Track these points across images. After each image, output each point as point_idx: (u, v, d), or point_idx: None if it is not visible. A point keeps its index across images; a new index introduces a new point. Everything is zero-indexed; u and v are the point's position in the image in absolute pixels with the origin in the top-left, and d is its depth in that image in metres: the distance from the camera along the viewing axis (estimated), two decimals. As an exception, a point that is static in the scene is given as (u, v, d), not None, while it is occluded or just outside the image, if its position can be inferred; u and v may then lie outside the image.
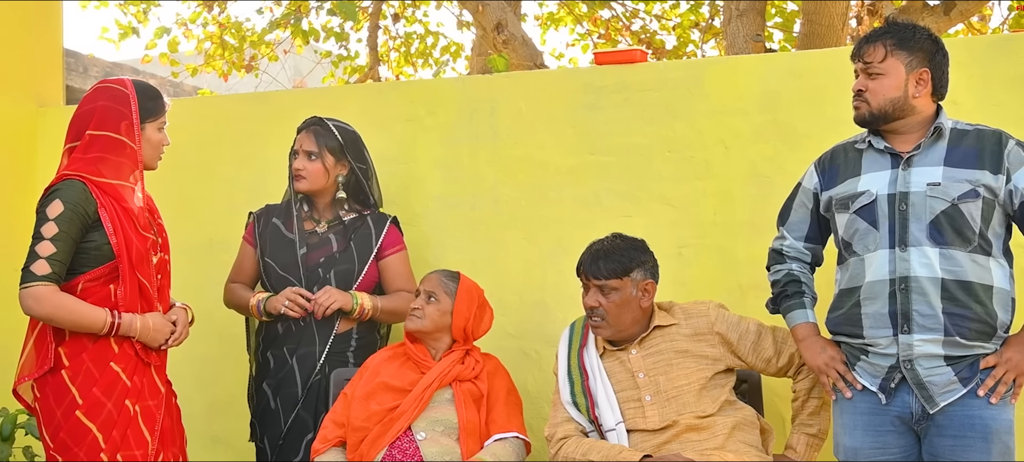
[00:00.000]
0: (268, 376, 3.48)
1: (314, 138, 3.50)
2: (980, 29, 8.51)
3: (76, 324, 2.82)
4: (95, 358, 2.84)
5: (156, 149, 3.01)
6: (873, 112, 2.78)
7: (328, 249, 3.50)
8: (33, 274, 2.78)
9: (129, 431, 2.84)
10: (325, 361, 3.43)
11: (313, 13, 8.94)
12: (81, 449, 2.79)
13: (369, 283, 3.52)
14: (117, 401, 2.84)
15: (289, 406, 3.43)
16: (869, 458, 2.79)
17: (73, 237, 2.81)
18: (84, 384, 2.81)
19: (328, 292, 3.40)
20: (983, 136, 2.76)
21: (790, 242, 3.01)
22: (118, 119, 2.92)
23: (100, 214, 2.84)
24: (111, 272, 2.86)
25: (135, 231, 2.89)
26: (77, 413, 2.79)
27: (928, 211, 2.70)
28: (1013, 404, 2.72)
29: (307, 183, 3.50)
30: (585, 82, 3.81)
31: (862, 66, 2.81)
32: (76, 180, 2.84)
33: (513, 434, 3.16)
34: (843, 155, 2.92)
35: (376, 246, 3.53)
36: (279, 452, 3.43)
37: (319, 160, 3.49)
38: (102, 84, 3.00)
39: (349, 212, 3.56)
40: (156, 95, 3.01)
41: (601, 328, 3.07)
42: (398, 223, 3.62)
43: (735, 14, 6.88)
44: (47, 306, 2.78)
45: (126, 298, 2.87)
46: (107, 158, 2.89)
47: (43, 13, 4.45)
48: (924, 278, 2.68)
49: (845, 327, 2.83)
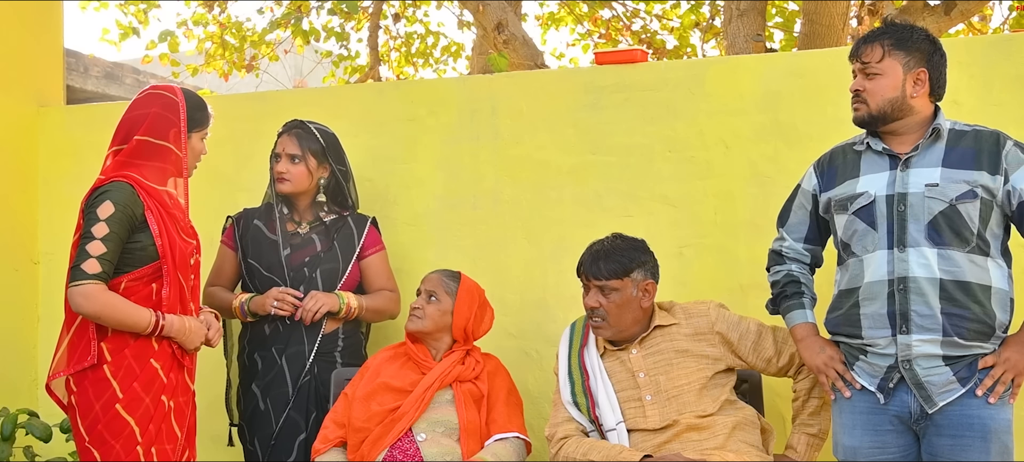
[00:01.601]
0: (257, 377, 3.50)
1: (297, 141, 3.52)
2: (981, 29, 8.51)
3: (122, 323, 2.88)
4: (136, 354, 2.90)
5: (197, 158, 3.12)
6: (872, 113, 2.79)
7: (312, 249, 3.52)
8: (84, 272, 2.83)
9: (163, 426, 2.92)
10: (313, 361, 3.45)
11: (314, 13, 8.94)
12: (118, 442, 2.85)
13: (351, 283, 3.55)
14: (154, 397, 2.91)
15: (280, 406, 3.44)
16: (868, 457, 2.79)
17: (122, 237, 2.88)
18: (125, 378, 2.87)
19: (314, 297, 3.42)
20: (981, 137, 2.76)
21: (789, 243, 3.02)
22: (167, 127, 3.00)
23: (147, 216, 2.92)
24: (154, 272, 2.93)
25: (178, 233, 2.98)
26: (116, 407, 2.86)
27: (926, 212, 2.70)
28: (1011, 404, 2.72)
29: (291, 185, 3.52)
30: (586, 82, 3.81)
31: (860, 66, 2.81)
32: (125, 182, 2.91)
33: (514, 434, 3.16)
34: (842, 157, 2.92)
35: (359, 246, 3.56)
36: (271, 452, 3.44)
37: (302, 163, 3.51)
38: (153, 91, 3.09)
39: (329, 213, 3.59)
40: (203, 106, 3.11)
41: (602, 328, 3.07)
42: (377, 224, 3.66)
43: (736, 14, 6.88)
44: (96, 304, 2.84)
45: (169, 298, 2.95)
46: (151, 164, 2.98)
47: (44, 13, 4.45)
48: (922, 279, 2.68)
49: (844, 327, 2.83)
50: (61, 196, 4.17)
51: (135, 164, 2.96)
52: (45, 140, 4.31)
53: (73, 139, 4.28)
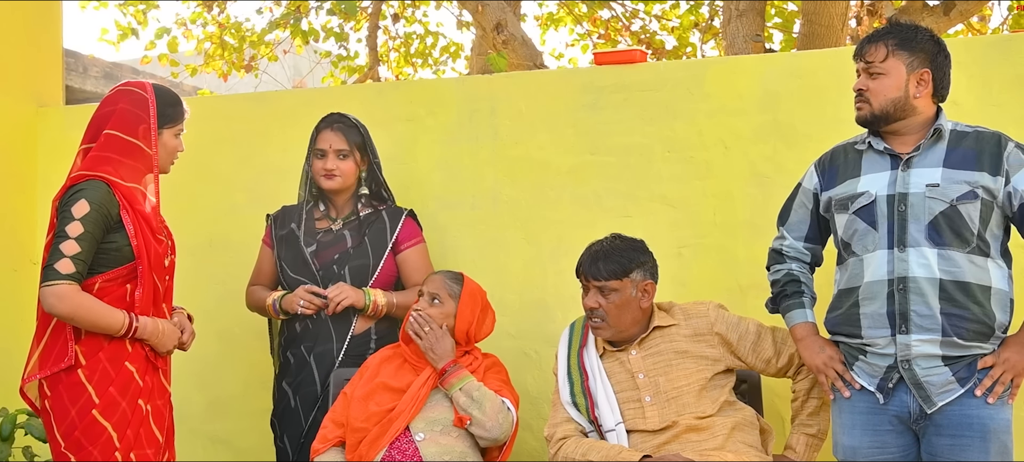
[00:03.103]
0: (288, 375, 3.48)
1: (343, 136, 3.47)
2: (980, 29, 8.51)
3: (94, 324, 2.83)
4: (111, 357, 2.86)
5: (171, 154, 3.05)
6: (875, 113, 2.79)
7: (342, 246, 3.48)
8: (57, 272, 2.78)
9: (141, 430, 2.87)
10: (343, 360, 3.42)
11: (313, 13, 8.94)
12: (95, 448, 2.80)
13: (387, 278, 3.49)
14: (131, 400, 2.86)
15: (309, 405, 3.42)
16: (868, 457, 2.79)
17: (96, 237, 2.83)
18: (100, 383, 2.83)
19: (340, 287, 3.38)
20: (982, 138, 2.76)
21: (790, 242, 3.02)
22: (136, 123, 2.94)
23: (122, 216, 2.87)
24: (128, 273, 2.89)
25: (152, 234, 2.93)
26: (93, 412, 2.81)
27: (927, 212, 2.71)
28: (1011, 404, 2.73)
29: (340, 181, 3.47)
30: (585, 82, 3.81)
31: (864, 66, 2.81)
32: (100, 181, 2.86)
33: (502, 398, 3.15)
34: (843, 156, 2.92)
35: (392, 240, 3.50)
36: (300, 451, 3.41)
37: (350, 157, 3.47)
38: (123, 87, 3.03)
39: (366, 207, 3.55)
40: (176, 102, 3.04)
41: (601, 329, 3.07)
42: (415, 216, 3.60)
43: (735, 14, 6.88)
44: (69, 305, 2.79)
45: (142, 300, 2.90)
46: (123, 161, 2.92)
47: (43, 13, 4.45)
48: (922, 279, 2.68)
49: (843, 327, 2.83)
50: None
51: (108, 162, 2.89)
52: (44, 140, 4.31)
53: (72, 139, 4.21)
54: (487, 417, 3.08)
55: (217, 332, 3.87)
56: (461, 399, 3.10)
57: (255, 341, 3.82)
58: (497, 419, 3.10)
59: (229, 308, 3.78)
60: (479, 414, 3.08)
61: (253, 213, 3.78)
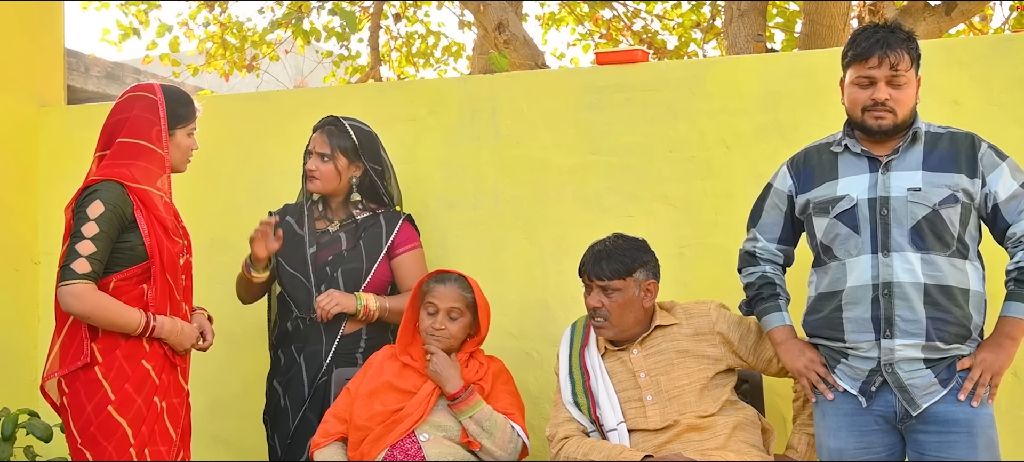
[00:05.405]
0: (279, 373, 3.49)
1: (327, 139, 3.47)
2: (981, 29, 8.51)
3: (111, 323, 2.87)
4: (127, 355, 2.90)
5: (185, 154, 3.10)
6: (897, 123, 2.74)
7: (337, 248, 3.48)
8: (74, 272, 2.83)
9: (156, 427, 2.92)
10: (331, 361, 3.42)
11: (314, 13, 8.94)
12: (110, 444, 2.85)
13: (380, 282, 3.49)
14: (146, 397, 2.90)
15: (297, 405, 3.42)
16: (854, 459, 2.78)
17: (111, 237, 2.88)
18: (116, 380, 2.87)
19: (330, 295, 3.37)
20: (957, 139, 2.76)
21: (763, 244, 2.99)
22: (148, 127, 2.99)
23: (136, 216, 2.91)
24: (143, 273, 2.93)
25: (165, 234, 2.96)
26: (108, 408, 2.85)
27: (909, 216, 2.69)
28: (991, 403, 2.73)
29: (320, 184, 3.48)
30: (586, 82, 3.81)
31: (890, 74, 2.72)
32: (115, 182, 2.90)
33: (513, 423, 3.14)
34: (817, 157, 2.89)
35: (387, 244, 3.49)
36: (287, 450, 3.42)
37: (331, 162, 3.46)
38: (134, 92, 3.07)
39: (363, 211, 3.54)
40: (186, 101, 3.09)
41: (603, 328, 3.07)
42: (413, 221, 3.59)
43: (736, 14, 6.88)
44: (86, 304, 2.83)
45: (157, 299, 2.93)
46: (136, 163, 2.96)
47: (44, 13, 4.45)
48: (907, 284, 2.67)
49: (825, 330, 2.82)
50: (62, 196, 4.12)
51: (121, 165, 2.94)
52: (46, 140, 4.31)
53: (73, 139, 4.28)
54: (497, 446, 3.08)
55: (218, 332, 3.83)
56: (471, 427, 3.09)
57: (255, 341, 3.82)
58: (507, 448, 3.10)
59: (230, 308, 3.77)
60: (490, 444, 3.08)
61: (254, 213, 3.77)
